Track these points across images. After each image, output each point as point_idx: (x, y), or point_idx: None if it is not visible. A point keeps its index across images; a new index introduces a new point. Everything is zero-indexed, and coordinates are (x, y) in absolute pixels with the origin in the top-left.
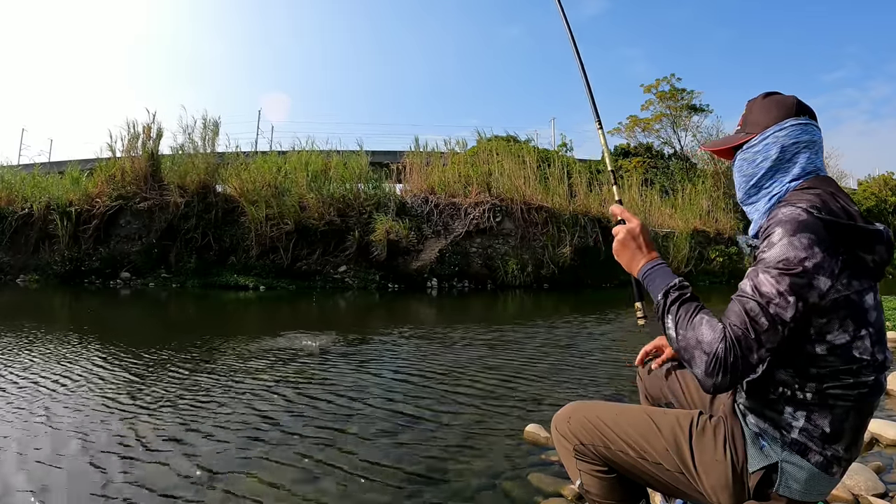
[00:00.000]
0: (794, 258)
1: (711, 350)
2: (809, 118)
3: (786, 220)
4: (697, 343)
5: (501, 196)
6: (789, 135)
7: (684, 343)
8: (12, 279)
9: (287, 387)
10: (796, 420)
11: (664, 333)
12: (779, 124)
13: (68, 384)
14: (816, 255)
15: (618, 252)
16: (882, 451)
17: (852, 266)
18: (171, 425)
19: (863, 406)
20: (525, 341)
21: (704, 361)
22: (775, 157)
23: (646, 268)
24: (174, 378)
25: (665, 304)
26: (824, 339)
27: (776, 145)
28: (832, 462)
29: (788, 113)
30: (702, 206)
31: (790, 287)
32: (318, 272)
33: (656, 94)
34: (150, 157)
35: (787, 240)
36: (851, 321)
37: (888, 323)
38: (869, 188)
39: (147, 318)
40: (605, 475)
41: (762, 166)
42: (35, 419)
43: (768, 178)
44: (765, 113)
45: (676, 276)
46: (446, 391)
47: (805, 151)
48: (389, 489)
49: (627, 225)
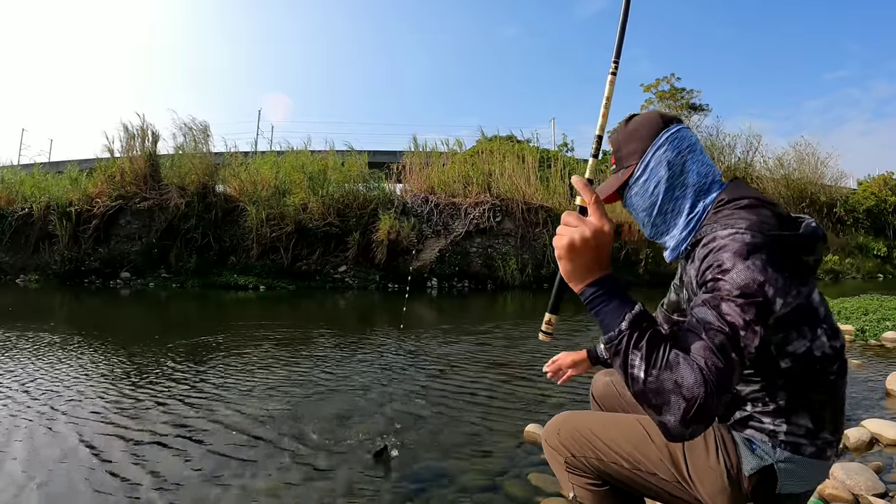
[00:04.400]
0: (755, 284)
1: (692, 395)
2: (679, 122)
3: (732, 244)
4: (676, 386)
5: (501, 196)
6: (669, 148)
7: (656, 385)
8: (12, 279)
9: (287, 386)
10: (779, 426)
11: (621, 370)
12: (654, 144)
13: (68, 385)
14: (772, 277)
15: (567, 252)
16: (882, 451)
17: (798, 273)
18: (172, 424)
19: (836, 391)
20: (525, 341)
21: (682, 408)
22: (667, 177)
23: (599, 284)
24: (174, 378)
25: (631, 336)
26: (786, 353)
27: (662, 165)
28: (825, 448)
29: (658, 128)
30: None
31: (756, 316)
32: (318, 272)
33: (656, 93)
34: (149, 157)
35: (741, 265)
36: (807, 327)
37: (888, 323)
38: (869, 188)
39: (147, 318)
40: (598, 488)
41: (658, 192)
42: (35, 419)
43: (670, 199)
44: (635, 140)
45: (634, 301)
46: (446, 391)
47: (691, 157)
48: (390, 489)
49: (595, 224)
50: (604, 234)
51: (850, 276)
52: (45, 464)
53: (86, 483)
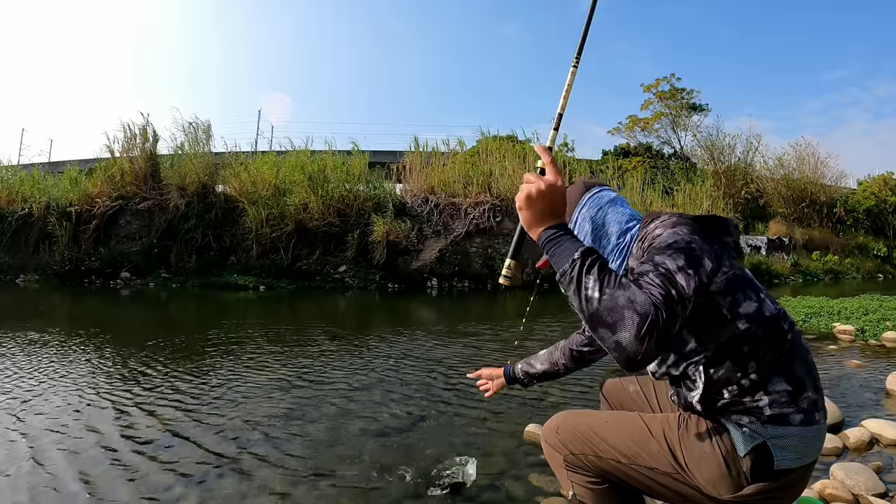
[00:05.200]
0: (682, 240)
1: (645, 310)
2: (599, 186)
3: (661, 227)
4: (629, 302)
5: (502, 196)
6: (590, 206)
7: (611, 303)
8: (12, 279)
9: (287, 386)
10: (760, 400)
11: (575, 296)
12: (578, 206)
13: (68, 383)
14: (696, 240)
15: (526, 203)
16: (882, 451)
17: (725, 250)
18: (170, 424)
19: (798, 349)
20: (526, 341)
21: (636, 323)
22: (591, 229)
23: (554, 228)
24: (174, 378)
25: (584, 262)
26: (739, 313)
27: (586, 221)
28: (811, 411)
29: (581, 193)
30: (702, 205)
31: (686, 261)
32: (318, 272)
33: (656, 93)
34: (149, 157)
35: (670, 230)
36: (750, 290)
37: (888, 322)
38: (869, 188)
39: (146, 318)
40: (597, 485)
41: (587, 242)
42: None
43: (598, 247)
44: (568, 205)
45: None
46: (447, 390)
47: (611, 208)
48: (390, 488)
49: (550, 179)
50: (556, 187)
51: (850, 276)
52: (43, 464)
53: (85, 483)
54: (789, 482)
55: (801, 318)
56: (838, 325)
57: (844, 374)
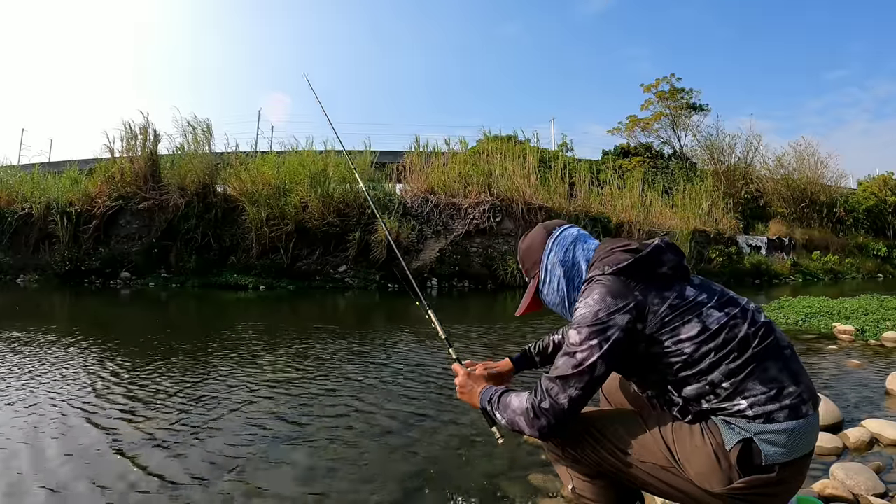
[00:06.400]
0: (589, 313)
1: (522, 408)
2: (560, 227)
3: (584, 290)
4: (513, 412)
5: (501, 196)
6: (557, 250)
7: (509, 420)
8: (12, 279)
9: (287, 387)
10: (740, 405)
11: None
12: (545, 252)
13: (68, 384)
14: (605, 306)
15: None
16: (882, 451)
17: (655, 284)
18: (169, 424)
19: (770, 347)
20: (526, 340)
21: (524, 420)
22: (563, 272)
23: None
24: (174, 377)
25: (490, 407)
26: (683, 339)
27: (557, 265)
28: (797, 405)
29: (545, 238)
30: (702, 205)
31: (590, 334)
32: (318, 272)
33: (656, 93)
34: (149, 157)
35: (582, 303)
36: (689, 315)
37: (888, 322)
38: (869, 188)
39: (146, 318)
40: (596, 479)
41: (562, 286)
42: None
43: (573, 289)
44: (533, 253)
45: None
46: (447, 390)
47: (576, 247)
48: (390, 488)
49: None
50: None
51: (850, 276)
52: (52, 459)
53: (85, 482)
54: (782, 478)
55: (801, 318)
56: (838, 324)
57: (844, 374)
